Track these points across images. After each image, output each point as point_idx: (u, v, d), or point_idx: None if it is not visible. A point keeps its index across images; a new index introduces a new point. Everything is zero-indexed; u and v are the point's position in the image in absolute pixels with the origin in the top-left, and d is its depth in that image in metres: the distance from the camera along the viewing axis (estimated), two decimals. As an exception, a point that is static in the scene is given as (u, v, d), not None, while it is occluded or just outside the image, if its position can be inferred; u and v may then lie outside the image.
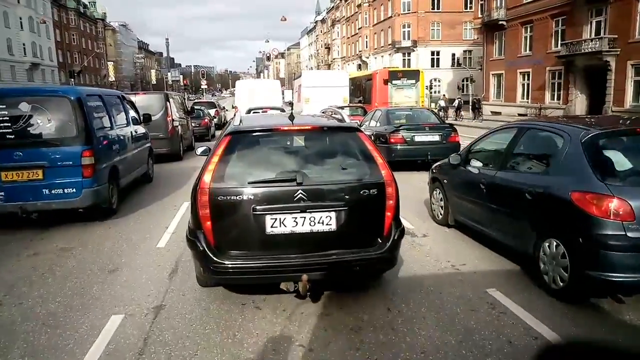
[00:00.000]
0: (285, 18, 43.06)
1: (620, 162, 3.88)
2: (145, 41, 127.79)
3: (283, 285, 3.68)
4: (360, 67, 61.61)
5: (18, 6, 52.69)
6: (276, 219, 3.54)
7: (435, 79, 46.67)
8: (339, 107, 18.35)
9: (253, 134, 3.94)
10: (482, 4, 37.79)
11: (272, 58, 79.87)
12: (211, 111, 24.22)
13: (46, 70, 59.24)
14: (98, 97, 7.76)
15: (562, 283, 3.84)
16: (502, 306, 3.86)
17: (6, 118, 6.32)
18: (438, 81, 48.39)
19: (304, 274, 3.48)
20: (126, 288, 4.38)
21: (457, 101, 33.91)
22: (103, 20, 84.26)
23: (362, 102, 25.15)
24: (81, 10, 74.82)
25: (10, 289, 4.43)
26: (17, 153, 6.27)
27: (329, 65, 76.63)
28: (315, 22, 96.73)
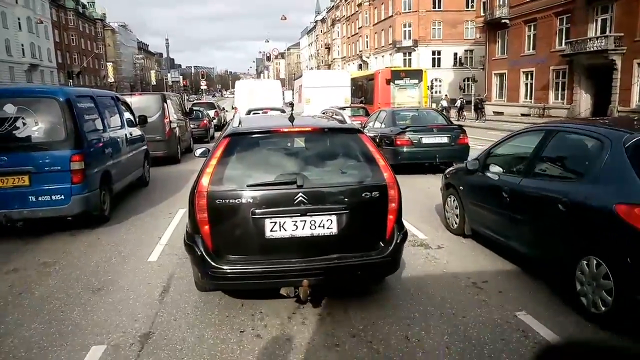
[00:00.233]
0: (285, 17, 42.72)
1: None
2: (145, 42, 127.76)
3: (283, 290, 3.57)
4: (360, 67, 61.23)
5: (16, 6, 52.34)
6: (276, 223, 3.44)
7: (436, 79, 46.18)
8: (340, 108, 17.99)
9: (252, 136, 3.83)
10: (485, 3, 37.39)
11: (272, 58, 79.39)
12: (210, 112, 23.99)
13: (45, 71, 58.91)
14: (89, 99, 7.44)
15: (605, 307, 3.37)
16: (536, 334, 3.40)
17: (-10, 121, 5.94)
18: (439, 81, 47.96)
19: (305, 279, 3.40)
20: (111, 311, 3.92)
21: (460, 101, 33.51)
22: (102, 20, 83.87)
23: (364, 103, 24.71)
24: (80, 10, 74.47)
25: (-19, 313, 3.96)
26: (2, 158, 5.93)
27: (329, 65, 76.20)
28: (315, 22, 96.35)
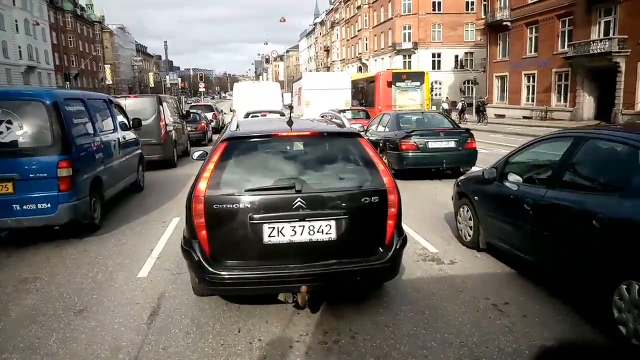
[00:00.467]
0: (284, 19, 42.38)
1: None
2: (143, 44, 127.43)
3: (281, 296, 3.54)
4: (360, 70, 60.97)
5: (13, 8, 52.05)
6: (274, 228, 3.40)
7: (436, 82, 45.85)
8: (341, 111, 17.64)
9: (250, 140, 3.76)
10: (485, 5, 37.16)
11: (271, 61, 79.11)
12: (208, 114, 23.62)
13: (42, 73, 58.61)
14: (79, 101, 7.08)
15: (648, 338, 2.99)
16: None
17: (-29, 125, 5.59)
18: (439, 84, 47.64)
19: (303, 285, 3.36)
20: (93, 337, 3.51)
21: (461, 104, 33.18)
22: (100, 22, 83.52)
23: (364, 105, 24.36)
24: (78, 12, 74.14)
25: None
26: (-16, 164, 5.54)
27: (328, 67, 75.94)
28: (314, 25, 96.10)
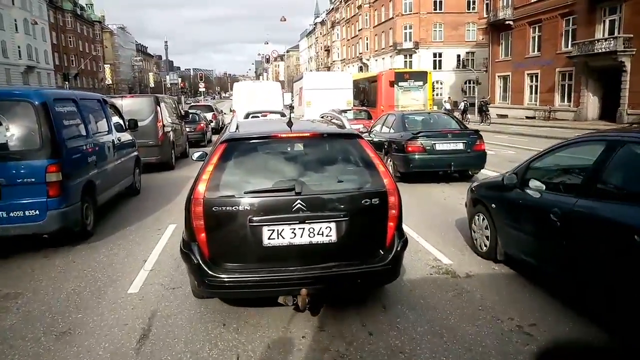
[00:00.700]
0: (285, 18, 42.03)
1: None
2: (143, 44, 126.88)
3: (281, 299, 3.52)
4: (361, 70, 60.62)
5: (13, 8, 51.74)
6: (274, 230, 3.37)
7: (437, 81, 45.40)
8: (343, 111, 17.27)
9: (249, 141, 3.74)
10: (488, 4, 36.82)
11: (272, 61, 78.77)
12: (208, 115, 23.29)
13: (42, 73, 58.34)
14: (71, 102, 6.72)
15: None
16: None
17: (-47, 127, 5.27)
18: (440, 83, 47.21)
19: (303, 288, 3.33)
20: (75, 365, 3.16)
21: (463, 104, 32.85)
22: (100, 22, 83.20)
23: (366, 106, 23.97)
24: (78, 12, 73.82)
25: None
26: (-33, 168, 5.22)
27: (329, 67, 75.59)
28: (314, 24, 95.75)
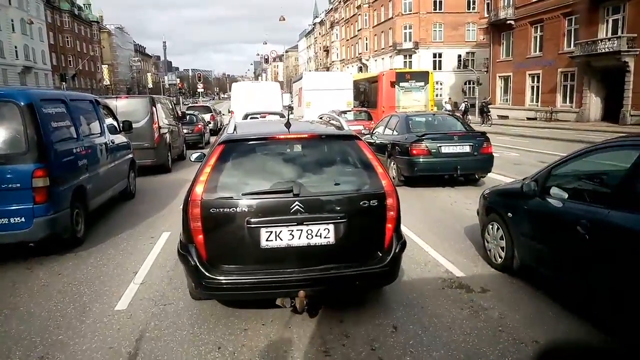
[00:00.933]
0: (284, 18, 41.69)
1: None
2: (142, 44, 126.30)
3: (279, 301, 3.49)
4: (360, 70, 60.35)
5: (9, 8, 51.43)
6: (271, 232, 3.36)
7: (437, 82, 45.03)
8: (342, 112, 16.93)
9: (247, 143, 3.73)
10: (489, 3, 36.57)
11: (270, 61, 78.37)
12: (206, 116, 22.97)
13: (39, 73, 58.03)
14: (60, 102, 6.40)
15: None
16: None
17: None
18: (440, 84, 46.85)
19: (301, 290, 3.32)
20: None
21: (464, 105, 32.47)
22: (98, 22, 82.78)
23: (367, 106, 23.64)
24: (76, 12, 73.43)
25: None
26: (-51, 174, 4.92)
27: (328, 68, 75.28)
28: (313, 25, 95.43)
